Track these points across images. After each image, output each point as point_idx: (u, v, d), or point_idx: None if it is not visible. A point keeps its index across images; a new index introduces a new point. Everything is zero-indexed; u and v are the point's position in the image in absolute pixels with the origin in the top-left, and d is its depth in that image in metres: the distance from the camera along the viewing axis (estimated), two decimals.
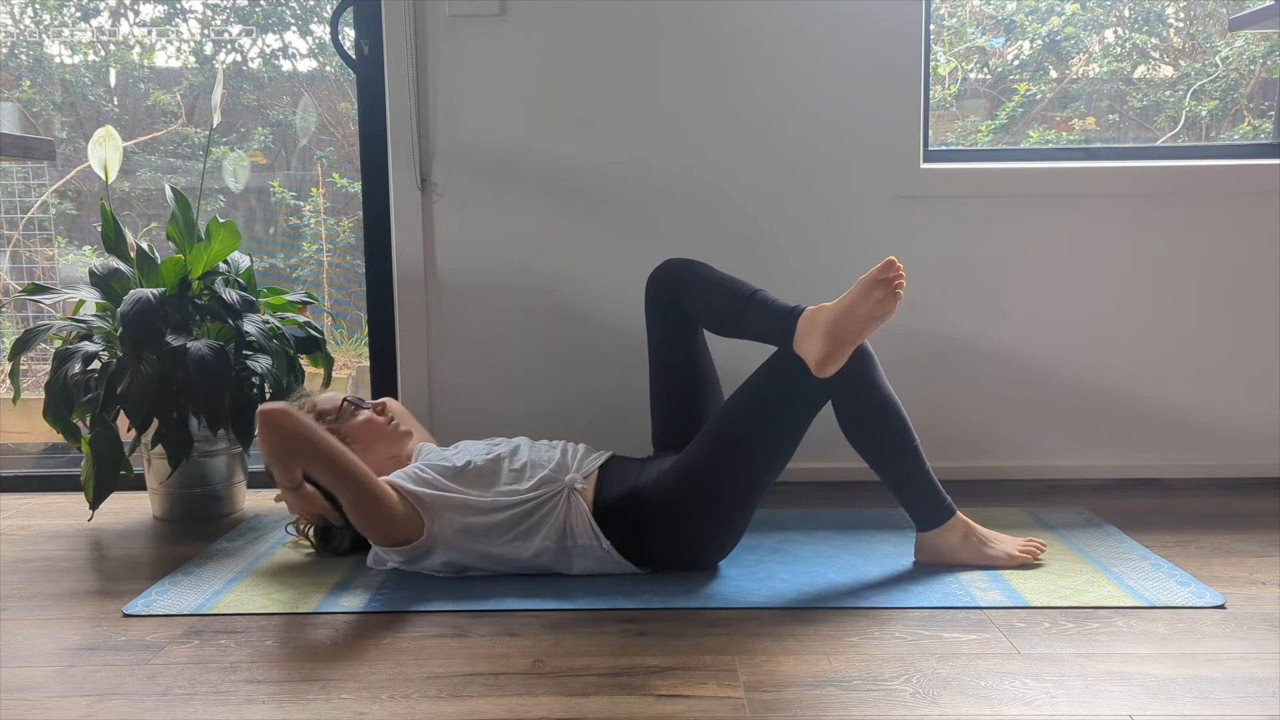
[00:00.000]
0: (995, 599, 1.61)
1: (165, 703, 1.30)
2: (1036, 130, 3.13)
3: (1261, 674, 1.35)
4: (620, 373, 2.30)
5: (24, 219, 3.26)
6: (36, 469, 2.58)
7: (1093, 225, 2.31)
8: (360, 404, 1.89)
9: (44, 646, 1.50)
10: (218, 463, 2.16)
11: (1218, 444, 2.36)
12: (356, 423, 1.86)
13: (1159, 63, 3.23)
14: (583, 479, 1.74)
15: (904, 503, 1.77)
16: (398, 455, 1.87)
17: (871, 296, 1.61)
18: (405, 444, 1.89)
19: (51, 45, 3.45)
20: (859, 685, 1.33)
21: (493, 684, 1.34)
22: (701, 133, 2.30)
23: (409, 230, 2.32)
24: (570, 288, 2.34)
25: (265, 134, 3.51)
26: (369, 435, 1.85)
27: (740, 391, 1.74)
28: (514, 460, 1.77)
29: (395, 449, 1.88)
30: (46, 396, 1.97)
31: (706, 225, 2.31)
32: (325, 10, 3.46)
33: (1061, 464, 2.36)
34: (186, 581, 1.75)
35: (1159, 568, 1.75)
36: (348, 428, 1.85)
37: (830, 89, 2.28)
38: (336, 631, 1.53)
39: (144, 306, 1.93)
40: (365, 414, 1.87)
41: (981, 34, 3.19)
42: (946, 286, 2.33)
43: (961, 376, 2.35)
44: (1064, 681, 1.33)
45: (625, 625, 1.54)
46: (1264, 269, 2.31)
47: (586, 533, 1.71)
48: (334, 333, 3.50)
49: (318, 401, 1.89)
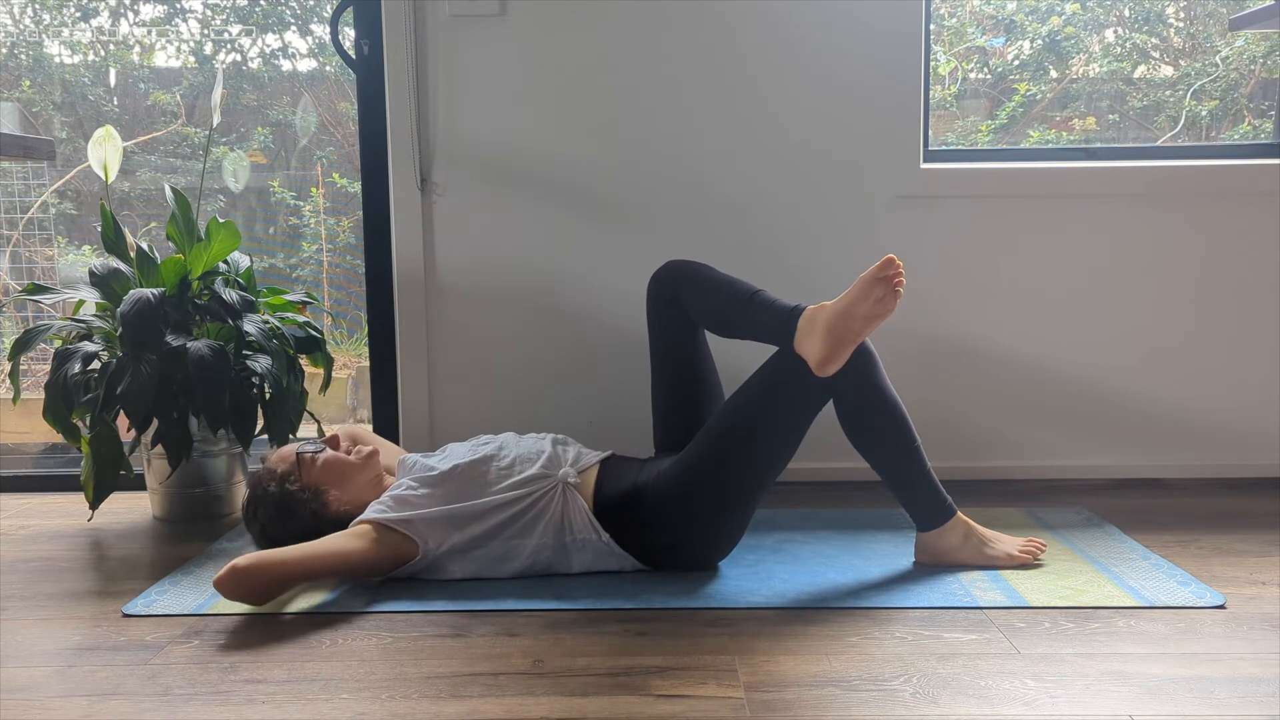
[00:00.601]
0: (995, 599, 1.61)
1: (165, 703, 1.30)
2: (1036, 130, 3.13)
3: (1261, 674, 1.35)
4: (621, 373, 2.30)
5: (24, 219, 3.26)
6: (36, 469, 2.58)
7: (1093, 225, 2.31)
8: (314, 447, 1.81)
9: (44, 646, 1.50)
10: (218, 463, 2.16)
11: (1218, 444, 2.36)
12: (319, 468, 1.78)
13: (1159, 63, 3.23)
14: (576, 473, 1.74)
15: (904, 503, 1.77)
16: (376, 475, 1.83)
17: (871, 295, 1.61)
18: (375, 464, 1.83)
19: (51, 45, 3.45)
20: (859, 685, 1.33)
21: (493, 684, 1.34)
22: (702, 132, 2.30)
23: (409, 230, 2.32)
24: (570, 288, 2.34)
25: (265, 134, 3.51)
26: (336, 474, 1.79)
27: (741, 391, 1.74)
28: (501, 459, 1.76)
29: (369, 473, 1.82)
30: (46, 396, 1.96)
31: (707, 225, 2.31)
32: (325, 10, 3.46)
33: (1061, 464, 2.36)
34: (186, 581, 1.75)
35: (1159, 568, 1.75)
36: (313, 477, 1.77)
37: (830, 89, 2.28)
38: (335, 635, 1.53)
39: (144, 306, 1.93)
40: (323, 456, 1.80)
41: (981, 34, 3.19)
42: (946, 286, 2.33)
43: (961, 376, 2.35)
44: (1064, 681, 1.33)
45: (625, 625, 1.54)
46: (1264, 269, 2.31)
47: (585, 527, 1.71)
48: (334, 333, 3.50)
49: (274, 468, 1.79)
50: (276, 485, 1.77)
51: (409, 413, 2.37)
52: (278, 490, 1.76)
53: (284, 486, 1.76)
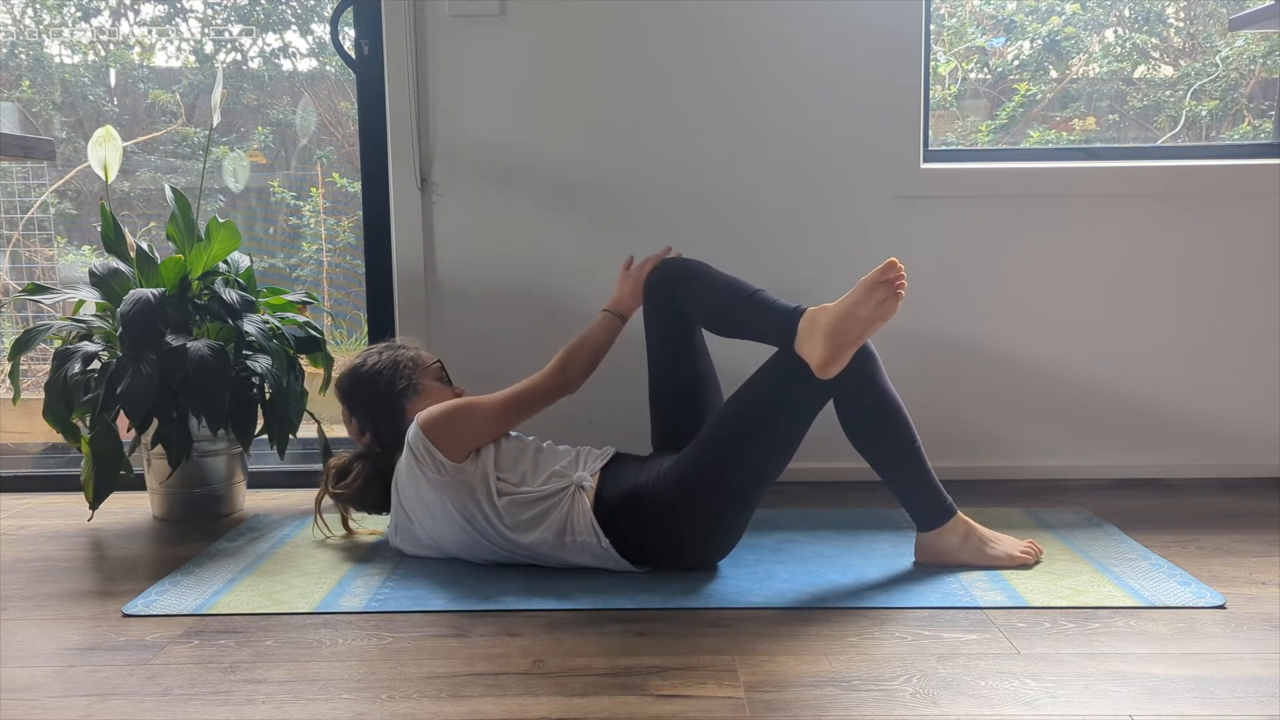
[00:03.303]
0: (995, 599, 1.61)
1: (165, 703, 1.30)
2: (1036, 130, 3.13)
3: (1261, 674, 1.35)
4: (620, 373, 2.29)
5: (24, 219, 3.26)
6: (36, 469, 2.58)
7: (1092, 225, 2.31)
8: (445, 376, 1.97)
9: (44, 646, 1.50)
10: (218, 463, 2.16)
11: (1218, 444, 2.36)
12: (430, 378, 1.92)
13: (1159, 63, 3.23)
14: (590, 477, 1.75)
15: (904, 503, 1.77)
16: None
17: (873, 298, 1.61)
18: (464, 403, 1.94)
19: (51, 45, 3.45)
20: (859, 685, 1.33)
21: (493, 684, 1.34)
22: (701, 132, 2.30)
23: (409, 230, 2.32)
24: (570, 287, 2.34)
25: (265, 134, 3.51)
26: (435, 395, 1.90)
27: (741, 392, 1.74)
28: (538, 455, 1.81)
29: None
30: (46, 396, 1.96)
31: (706, 225, 2.31)
32: (325, 10, 3.46)
33: (1061, 464, 2.36)
34: (186, 581, 1.75)
35: (1159, 568, 1.75)
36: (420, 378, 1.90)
37: (830, 88, 2.28)
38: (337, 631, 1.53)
39: (144, 306, 1.93)
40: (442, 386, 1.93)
41: (981, 34, 3.19)
42: (946, 286, 2.32)
43: (961, 376, 2.35)
44: (1064, 681, 1.33)
45: (625, 625, 1.54)
46: (1264, 269, 2.31)
47: (586, 530, 1.71)
48: (334, 333, 3.50)
49: (407, 348, 1.95)
50: (394, 354, 1.91)
51: None
52: (391, 358, 1.90)
53: (397, 359, 1.90)
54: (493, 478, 1.74)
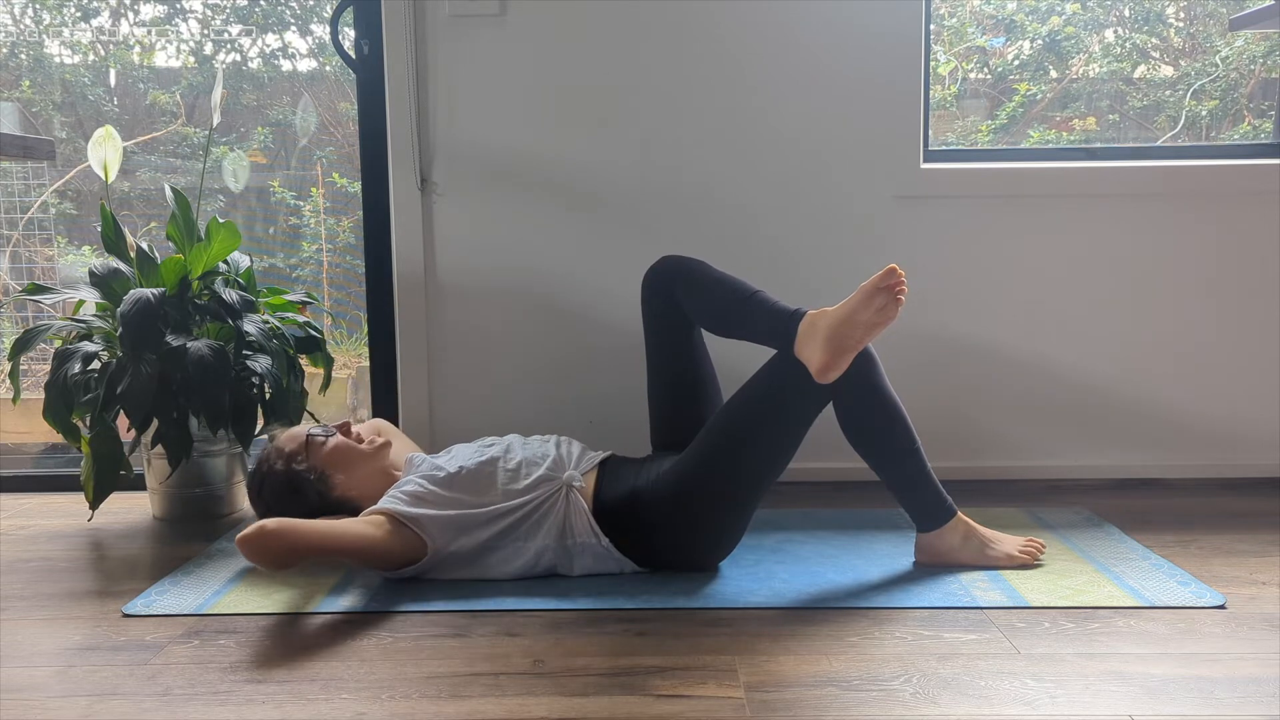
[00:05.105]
0: (995, 599, 1.61)
1: (165, 703, 1.30)
2: (1036, 130, 3.12)
3: (1261, 674, 1.35)
4: (620, 373, 2.30)
5: (24, 219, 3.26)
6: (36, 469, 2.58)
7: (1092, 225, 2.31)
8: (326, 431, 1.83)
9: (44, 646, 1.50)
10: (218, 463, 2.16)
11: (1218, 444, 2.36)
12: (327, 452, 1.80)
13: (1159, 63, 3.23)
14: (580, 476, 1.74)
15: (904, 503, 1.77)
16: (384, 468, 1.84)
17: (873, 304, 1.61)
18: (385, 456, 1.85)
19: (51, 45, 3.45)
20: (859, 685, 1.33)
21: (493, 684, 1.34)
22: (701, 132, 2.30)
23: (409, 230, 2.32)
24: (570, 287, 2.34)
25: (265, 134, 3.50)
26: (344, 460, 1.80)
27: (740, 393, 1.74)
28: (508, 460, 1.76)
29: (376, 464, 1.83)
30: (46, 396, 1.96)
31: (706, 224, 2.31)
32: (325, 10, 3.46)
33: (1061, 464, 2.36)
34: (186, 581, 1.75)
35: (1159, 568, 1.75)
36: (320, 460, 1.80)
37: (830, 89, 2.28)
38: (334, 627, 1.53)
39: (144, 306, 1.93)
40: (332, 441, 1.82)
41: (981, 34, 3.18)
42: (946, 286, 2.32)
43: (961, 376, 2.35)
44: (1064, 681, 1.33)
45: (625, 625, 1.54)
46: (1264, 269, 2.31)
47: (585, 531, 1.71)
48: (334, 333, 3.49)
49: (282, 447, 1.82)
50: (284, 464, 1.79)
51: (409, 413, 2.37)
52: (284, 469, 1.79)
53: (290, 465, 1.79)
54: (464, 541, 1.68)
